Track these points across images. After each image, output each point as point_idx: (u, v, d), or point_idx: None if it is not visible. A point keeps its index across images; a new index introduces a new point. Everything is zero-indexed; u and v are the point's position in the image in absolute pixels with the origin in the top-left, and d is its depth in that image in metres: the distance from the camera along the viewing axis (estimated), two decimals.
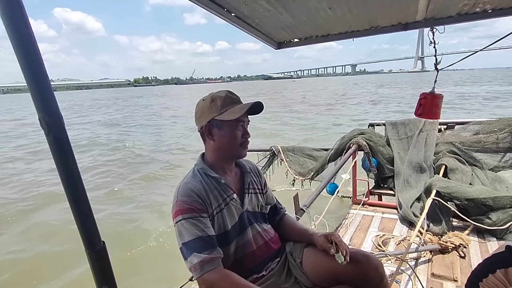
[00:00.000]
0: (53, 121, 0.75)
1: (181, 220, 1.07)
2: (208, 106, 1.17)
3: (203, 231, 1.07)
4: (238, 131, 1.19)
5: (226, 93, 1.21)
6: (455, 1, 1.83)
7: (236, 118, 1.15)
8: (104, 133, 16.65)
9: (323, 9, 1.85)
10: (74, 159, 0.80)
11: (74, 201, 0.81)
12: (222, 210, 1.17)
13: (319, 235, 1.24)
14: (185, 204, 1.09)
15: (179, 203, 1.10)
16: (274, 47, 2.54)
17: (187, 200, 1.09)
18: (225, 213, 1.17)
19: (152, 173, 8.46)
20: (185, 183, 1.16)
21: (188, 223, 1.06)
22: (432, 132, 3.70)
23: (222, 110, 1.16)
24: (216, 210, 1.15)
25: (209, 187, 1.16)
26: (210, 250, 1.05)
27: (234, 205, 1.21)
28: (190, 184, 1.14)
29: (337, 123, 15.84)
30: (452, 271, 2.16)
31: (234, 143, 1.19)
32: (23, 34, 0.69)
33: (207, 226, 1.09)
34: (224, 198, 1.19)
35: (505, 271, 0.98)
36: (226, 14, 1.80)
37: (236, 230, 1.20)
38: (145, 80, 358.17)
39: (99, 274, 0.88)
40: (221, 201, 1.17)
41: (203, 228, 1.07)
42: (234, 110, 1.16)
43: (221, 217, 1.16)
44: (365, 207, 3.43)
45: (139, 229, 5.33)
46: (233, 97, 1.21)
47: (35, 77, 0.72)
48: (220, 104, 1.16)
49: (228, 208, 1.19)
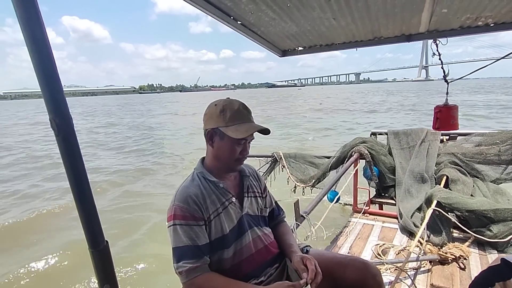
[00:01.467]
0: (63, 123, 0.77)
1: (174, 225, 1.10)
2: (217, 114, 1.16)
3: (193, 240, 1.09)
4: (238, 148, 1.19)
5: (239, 106, 1.19)
6: (458, 14, 1.86)
7: (237, 138, 1.15)
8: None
9: (327, 19, 1.89)
10: (82, 160, 0.83)
11: (80, 200, 0.84)
12: (220, 214, 1.17)
13: (297, 254, 1.23)
14: (180, 210, 1.10)
15: (175, 207, 1.11)
16: (278, 55, 2.58)
17: (183, 206, 1.11)
18: (223, 217, 1.18)
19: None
20: (183, 187, 1.17)
21: (180, 230, 1.09)
22: (434, 142, 3.71)
23: (228, 123, 1.15)
24: (214, 214, 1.16)
25: (207, 191, 1.17)
26: (197, 259, 1.08)
27: (233, 209, 1.22)
28: (188, 189, 1.15)
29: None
30: (451, 282, 2.15)
31: (231, 157, 1.20)
32: (38, 38, 0.72)
33: (199, 235, 1.11)
34: (223, 202, 1.19)
35: (504, 284, 0.99)
36: (233, 22, 1.85)
37: (234, 234, 1.21)
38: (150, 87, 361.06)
39: (102, 273, 0.90)
40: (219, 205, 1.18)
41: (194, 237, 1.09)
42: (239, 129, 1.15)
43: (218, 221, 1.17)
44: (365, 216, 3.42)
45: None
46: (244, 112, 1.19)
47: (48, 80, 0.75)
48: (228, 117, 1.15)
49: (227, 212, 1.19)
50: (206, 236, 1.13)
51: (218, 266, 1.17)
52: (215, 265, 1.16)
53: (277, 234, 1.40)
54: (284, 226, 1.45)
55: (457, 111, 2.32)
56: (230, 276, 1.14)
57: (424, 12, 1.84)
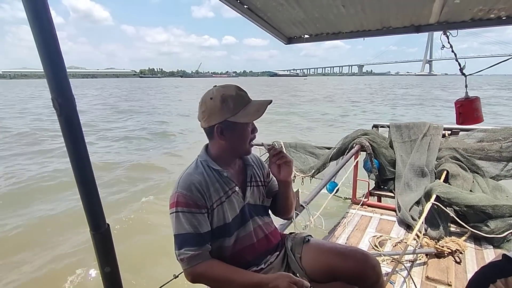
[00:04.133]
0: (65, 102, 0.76)
1: (177, 212, 1.09)
2: (220, 106, 1.11)
3: (196, 228, 1.08)
4: (249, 129, 1.19)
5: (236, 90, 1.15)
6: (470, 5, 1.81)
7: (251, 121, 1.15)
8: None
9: (336, 6, 1.84)
10: (84, 141, 0.81)
11: (82, 182, 0.83)
12: (223, 203, 1.17)
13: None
14: (183, 197, 1.09)
15: (178, 194, 1.10)
16: (284, 42, 2.53)
17: (186, 194, 1.09)
18: (226, 206, 1.17)
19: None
20: (187, 174, 1.16)
21: (183, 217, 1.08)
22: (436, 137, 3.69)
23: (235, 111, 1.12)
24: (217, 203, 1.15)
25: (211, 179, 1.16)
26: (198, 247, 1.08)
27: (236, 198, 1.21)
28: (191, 176, 1.14)
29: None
30: (446, 275, 2.18)
31: (245, 142, 1.19)
32: (42, 17, 0.70)
33: (201, 222, 1.10)
34: (226, 190, 1.18)
35: (505, 280, 0.99)
36: (239, 6, 1.79)
37: (237, 222, 1.21)
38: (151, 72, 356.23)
39: (103, 256, 0.90)
40: (222, 194, 1.17)
41: (196, 224, 1.09)
42: (249, 112, 1.13)
43: (221, 209, 1.16)
44: (364, 208, 3.44)
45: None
46: (243, 94, 1.17)
47: (51, 59, 0.73)
48: (233, 105, 1.12)
49: (230, 200, 1.19)
50: (208, 224, 1.13)
51: (219, 253, 1.18)
52: (216, 252, 1.16)
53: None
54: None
55: (480, 103, 2.21)
56: (230, 263, 1.14)
57: (436, 2, 1.79)
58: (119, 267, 0.94)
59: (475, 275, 1.10)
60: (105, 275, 0.91)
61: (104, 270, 0.90)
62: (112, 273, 0.92)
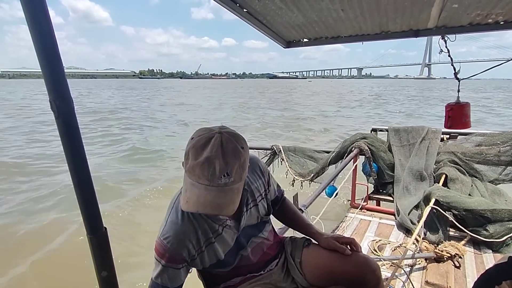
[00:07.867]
0: (63, 104, 0.75)
1: (155, 258, 1.05)
2: (185, 152, 0.92)
3: (166, 281, 1.03)
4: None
5: (209, 154, 0.86)
6: (468, 10, 1.83)
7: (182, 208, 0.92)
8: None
9: (336, 10, 1.85)
10: (82, 143, 0.80)
11: (79, 184, 0.82)
12: (213, 243, 1.09)
13: (324, 237, 1.24)
14: (162, 248, 1.02)
15: (159, 243, 1.03)
16: (283, 46, 2.54)
17: (165, 245, 1.02)
18: (216, 246, 1.10)
19: None
20: (170, 222, 1.04)
21: (157, 266, 1.04)
22: (434, 140, 3.70)
23: (188, 173, 0.91)
24: (205, 244, 1.07)
25: (198, 222, 1.05)
26: None
27: (228, 232, 1.11)
28: (175, 226, 1.03)
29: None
30: (446, 280, 2.17)
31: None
32: (40, 19, 0.69)
33: (173, 278, 1.04)
34: (216, 229, 1.08)
35: (511, 282, 0.98)
36: (238, 9, 1.80)
37: (232, 254, 1.15)
38: (151, 73, 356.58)
39: (99, 260, 0.88)
40: (211, 235, 1.08)
41: (167, 278, 1.03)
42: (190, 193, 0.89)
43: (211, 249, 1.09)
44: (363, 212, 3.43)
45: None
46: (212, 165, 0.86)
47: (49, 61, 0.72)
48: (189, 165, 0.90)
49: (220, 238, 1.10)
50: (182, 277, 1.07)
51: (215, 273, 1.17)
52: (213, 272, 1.16)
53: (284, 213, 1.37)
54: (288, 204, 1.39)
55: (469, 108, 2.27)
56: (228, 279, 1.13)
57: (434, 7, 1.80)
58: (116, 272, 0.92)
59: (481, 276, 1.09)
60: (102, 280, 0.89)
61: (101, 274, 0.88)
62: (109, 278, 0.90)
